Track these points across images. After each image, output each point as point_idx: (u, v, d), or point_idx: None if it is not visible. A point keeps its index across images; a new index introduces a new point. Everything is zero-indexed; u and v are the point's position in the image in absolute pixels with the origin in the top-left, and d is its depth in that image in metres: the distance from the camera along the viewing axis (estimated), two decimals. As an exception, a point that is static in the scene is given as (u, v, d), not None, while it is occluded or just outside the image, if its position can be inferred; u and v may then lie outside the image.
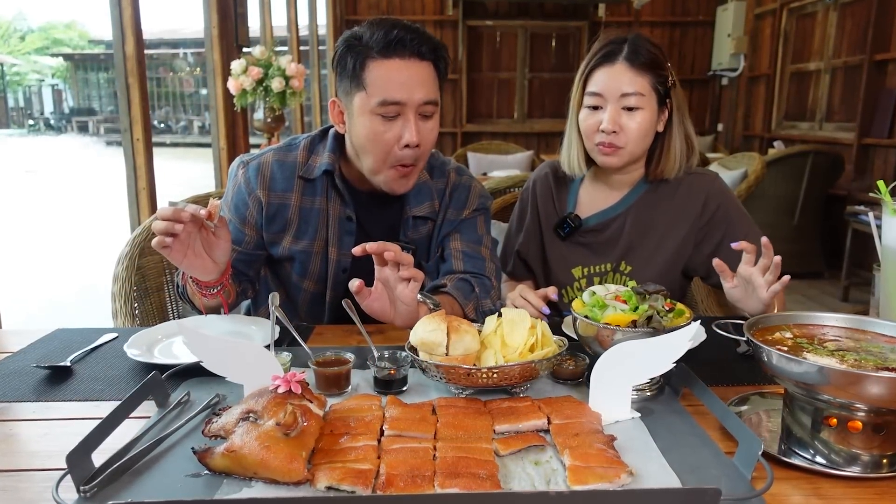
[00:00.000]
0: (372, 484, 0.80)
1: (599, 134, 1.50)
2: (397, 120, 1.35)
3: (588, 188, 1.68)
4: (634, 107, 1.47)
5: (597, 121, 1.50)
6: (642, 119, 1.48)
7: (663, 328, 1.00)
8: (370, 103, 1.33)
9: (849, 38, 5.81)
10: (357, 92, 1.35)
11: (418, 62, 1.34)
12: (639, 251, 1.58)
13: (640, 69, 1.47)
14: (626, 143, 1.50)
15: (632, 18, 8.28)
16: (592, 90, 1.50)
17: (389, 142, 1.36)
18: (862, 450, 0.85)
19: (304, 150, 1.51)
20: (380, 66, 1.32)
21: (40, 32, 31.23)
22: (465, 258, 1.55)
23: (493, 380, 1.01)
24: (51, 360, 1.23)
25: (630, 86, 1.47)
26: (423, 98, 1.34)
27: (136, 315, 1.72)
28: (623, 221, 1.60)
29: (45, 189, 11.50)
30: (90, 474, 0.80)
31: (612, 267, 1.60)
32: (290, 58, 3.87)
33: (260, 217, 1.49)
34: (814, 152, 5.08)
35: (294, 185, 1.49)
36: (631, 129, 1.48)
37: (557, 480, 0.83)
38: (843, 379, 0.81)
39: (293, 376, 0.92)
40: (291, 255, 1.51)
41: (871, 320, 0.99)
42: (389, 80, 1.32)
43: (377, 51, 1.32)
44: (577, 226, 1.62)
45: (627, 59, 1.47)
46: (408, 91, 1.32)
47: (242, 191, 1.49)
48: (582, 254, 1.63)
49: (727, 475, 0.83)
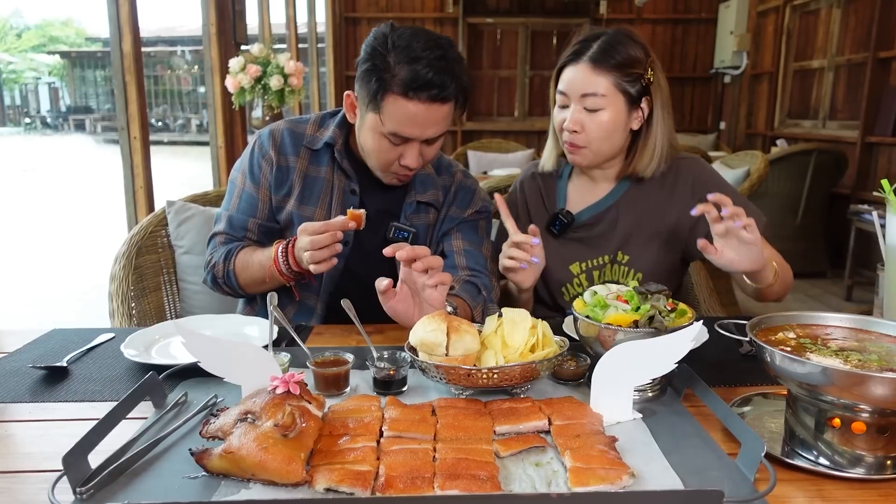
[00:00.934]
0: (371, 485, 0.80)
1: (565, 132, 1.51)
2: (403, 144, 1.40)
3: (576, 183, 1.67)
4: (595, 108, 1.46)
5: (563, 119, 1.51)
6: (603, 120, 1.47)
7: (665, 328, 0.99)
8: (382, 129, 1.37)
9: (852, 35, 5.77)
10: (372, 111, 1.38)
11: (439, 106, 1.35)
12: (635, 240, 1.58)
13: (602, 70, 1.44)
14: (587, 143, 1.49)
15: (633, 15, 8.27)
16: (560, 88, 1.51)
17: (391, 159, 1.43)
18: (866, 451, 0.85)
19: (314, 124, 1.59)
20: (399, 103, 1.33)
21: (37, 30, 31.19)
22: (466, 255, 1.57)
23: (494, 380, 1.01)
24: (47, 361, 1.22)
25: (589, 86, 1.45)
26: (433, 135, 1.40)
27: (133, 315, 1.72)
28: (616, 213, 1.59)
29: (43, 188, 11.48)
30: (86, 476, 0.79)
31: (609, 259, 1.59)
32: (288, 55, 3.85)
33: (271, 176, 1.55)
34: (817, 151, 5.06)
35: (300, 152, 1.56)
36: (592, 129, 1.48)
37: (558, 482, 0.82)
38: (847, 380, 0.81)
39: (291, 377, 0.92)
40: (294, 220, 1.53)
41: (875, 320, 0.98)
42: (405, 119, 1.35)
43: (400, 89, 1.32)
44: (569, 221, 1.61)
45: (591, 59, 1.45)
46: (420, 130, 1.37)
47: (256, 154, 1.57)
48: (577, 249, 1.62)
49: (730, 477, 0.82)
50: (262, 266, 1.44)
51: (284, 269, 1.41)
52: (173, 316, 1.88)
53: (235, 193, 1.57)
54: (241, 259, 1.49)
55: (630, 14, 8.30)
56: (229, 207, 1.57)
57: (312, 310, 1.57)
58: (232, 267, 1.50)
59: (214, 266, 1.52)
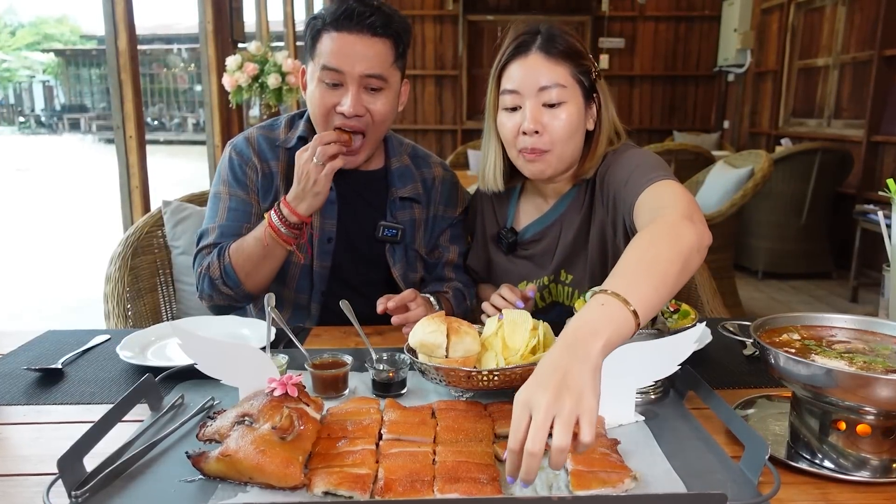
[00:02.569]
0: (370, 489, 0.80)
1: (521, 138, 1.33)
2: (339, 88, 1.41)
3: (525, 197, 1.54)
4: (556, 102, 1.30)
5: (516, 123, 1.33)
6: (567, 115, 1.31)
7: (668, 330, 0.99)
8: (316, 70, 1.42)
9: (858, 33, 5.72)
10: (310, 61, 1.45)
11: (370, 37, 1.39)
12: (577, 257, 1.44)
13: (557, 58, 1.31)
14: (552, 146, 1.32)
15: (636, 13, 8.23)
16: (508, 87, 1.33)
17: (327, 106, 1.42)
18: (871, 454, 0.84)
19: (285, 127, 1.59)
20: (329, 38, 1.40)
21: (31, 27, 31.03)
22: (455, 270, 1.64)
23: (495, 383, 1.00)
24: (42, 363, 1.22)
25: (548, 77, 1.30)
26: (364, 71, 1.39)
27: (128, 316, 1.71)
28: (559, 228, 1.46)
29: (37, 187, 11.44)
30: (82, 479, 0.79)
31: (551, 279, 1.48)
32: (286, 53, 3.84)
33: (258, 182, 1.54)
34: (822, 150, 5.02)
35: (278, 155, 1.55)
36: (555, 127, 1.31)
37: (560, 485, 0.82)
38: (852, 382, 0.80)
39: (289, 379, 0.92)
40: None
41: (880, 321, 0.98)
42: (333, 51, 1.39)
43: (329, 22, 1.40)
44: (512, 240, 1.50)
45: (542, 49, 1.32)
46: (349, 62, 1.38)
47: (237, 162, 1.54)
48: (526, 267, 1.51)
49: (733, 480, 0.82)
50: (257, 240, 1.40)
51: (281, 225, 1.37)
52: (170, 317, 1.87)
53: (221, 206, 1.51)
54: (234, 247, 1.44)
55: (632, 11, 8.26)
56: (216, 219, 1.50)
57: (307, 310, 1.56)
58: (228, 260, 1.43)
59: (209, 268, 1.45)
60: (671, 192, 1.16)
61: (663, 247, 0.95)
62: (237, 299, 1.48)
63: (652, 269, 0.91)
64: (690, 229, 0.99)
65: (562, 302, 1.49)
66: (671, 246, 0.95)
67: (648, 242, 0.97)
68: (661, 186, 1.19)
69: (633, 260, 0.94)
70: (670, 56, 8.33)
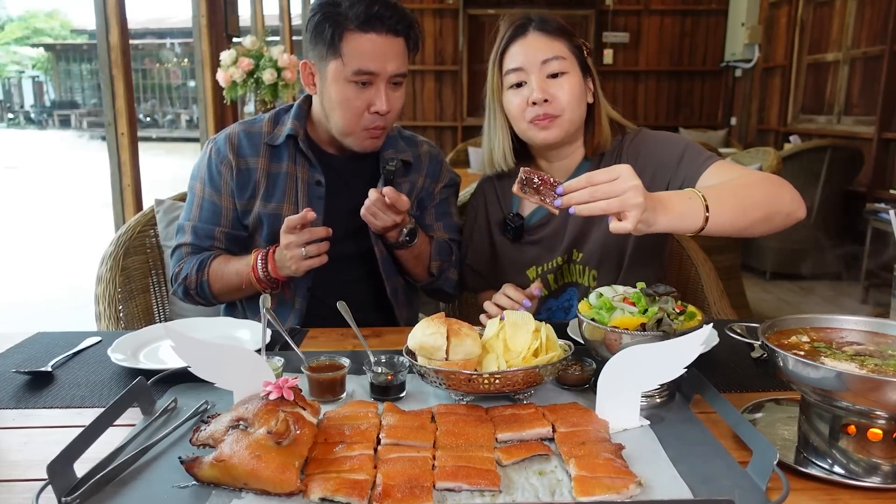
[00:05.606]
0: (368, 495, 0.79)
1: (530, 109, 1.44)
2: (369, 88, 1.46)
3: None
4: (559, 72, 1.43)
5: (523, 97, 1.44)
6: (570, 84, 1.43)
7: (674, 332, 0.98)
8: (345, 72, 1.45)
9: (868, 27, 5.66)
10: (332, 59, 1.46)
11: (394, 38, 1.46)
12: (589, 236, 1.52)
13: (554, 34, 1.45)
14: (561, 111, 1.43)
15: (641, 6, 8.20)
16: (512, 66, 1.45)
17: (360, 108, 1.48)
18: (882, 459, 0.84)
19: (269, 122, 1.62)
20: (357, 39, 1.43)
21: (20, 22, 30.93)
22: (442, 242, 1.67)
23: (496, 386, 1.00)
24: (31, 366, 1.22)
25: (549, 51, 1.43)
26: (395, 70, 1.47)
27: (120, 318, 1.71)
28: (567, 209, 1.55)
29: (27, 185, 11.39)
30: (72, 485, 0.78)
31: (563, 259, 1.55)
32: (282, 48, 3.83)
33: (232, 182, 1.57)
34: (832, 147, 5.00)
35: (261, 151, 1.58)
36: (561, 95, 1.43)
37: (563, 491, 0.82)
38: (863, 385, 0.80)
39: (285, 382, 0.92)
40: (262, 219, 1.57)
41: (892, 323, 0.97)
42: (366, 53, 1.44)
43: (356, 24, 1.43)
44: (518, 225, 1.57)
45: (539, 28, 1.46)
46: (381, 63, 1.44)
47: (214, 160, 1.58)
48: (533, 253, 1.57)
49: (741, 486, 0.81)
50: (238, 274, 1.49)
51: (263, 276, 1.46)
52: (162, 319, 1.87)
53: (196, 203, 1.58)
54: (215, 269, 1.53)
55: (637, 5, 8.22)
56: (190, 217, 1.58)
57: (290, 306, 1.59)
58: (206, 278, 1.53)
59: (186, 278, 1.54)
60: (752, 169, 1.36)
61: (759, 193, 1.22)
62: (208, 306, 1.61)
63: (740, 202, 1.17)
64: (794, 197, 1.26)
65: (575, 280, 1.55)
66: (765, 195, 1.22)
67: (753, 181, 1.24)
68: (730, 164, 1.38)
69: (732, 186, 1.21)
70: (676, 51, 8.29)
